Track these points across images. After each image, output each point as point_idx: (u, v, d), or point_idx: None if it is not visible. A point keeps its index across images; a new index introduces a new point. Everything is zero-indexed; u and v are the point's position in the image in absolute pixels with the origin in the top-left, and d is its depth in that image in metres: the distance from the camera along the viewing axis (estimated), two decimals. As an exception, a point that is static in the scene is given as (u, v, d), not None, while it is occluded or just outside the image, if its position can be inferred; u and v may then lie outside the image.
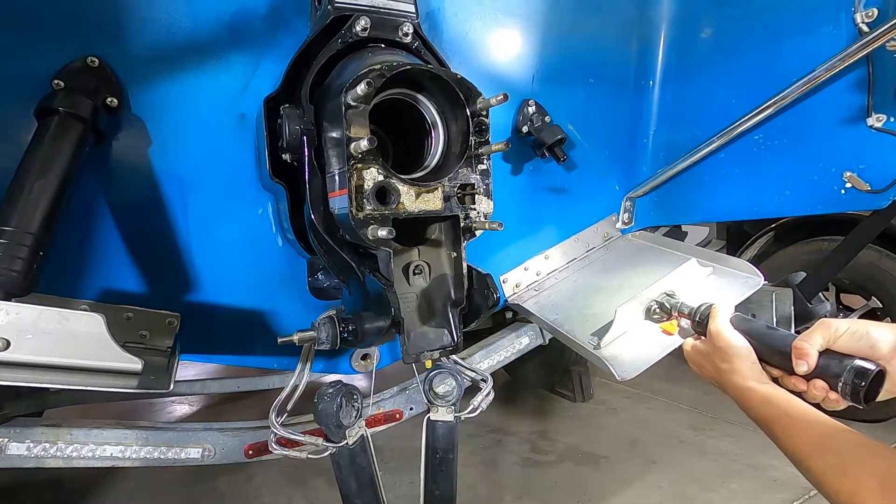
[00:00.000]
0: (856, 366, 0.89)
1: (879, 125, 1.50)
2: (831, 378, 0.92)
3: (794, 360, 0.98)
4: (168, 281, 1.39)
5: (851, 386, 0.89)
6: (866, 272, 2.61)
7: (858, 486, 0.76)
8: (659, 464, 2.38)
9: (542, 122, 1.72)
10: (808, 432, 0.87)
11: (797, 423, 0.89)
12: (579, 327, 1.57)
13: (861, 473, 0.76)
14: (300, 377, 1.42)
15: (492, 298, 1.32)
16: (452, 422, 1.40)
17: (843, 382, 0.90)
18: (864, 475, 0.76)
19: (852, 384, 0.89)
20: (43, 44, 1.18)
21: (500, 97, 1.22)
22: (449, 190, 1.26)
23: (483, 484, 2.26)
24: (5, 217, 1.01)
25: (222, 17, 1.33)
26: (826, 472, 0.81)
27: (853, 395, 0.89)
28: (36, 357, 0.98)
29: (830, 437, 0.84)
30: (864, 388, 0.88)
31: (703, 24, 1.84)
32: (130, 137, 1.29)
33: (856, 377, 0.89)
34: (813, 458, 0.84)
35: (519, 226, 1.82)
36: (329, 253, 1.30)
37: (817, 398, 0.97)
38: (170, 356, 1.30)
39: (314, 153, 1.25)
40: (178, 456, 1.47)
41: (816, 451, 0.84)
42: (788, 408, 0.92)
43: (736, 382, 1.03)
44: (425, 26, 1.49)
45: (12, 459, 1.31)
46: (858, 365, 0.89)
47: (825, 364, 0.94)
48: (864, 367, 0.88)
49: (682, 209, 1.98)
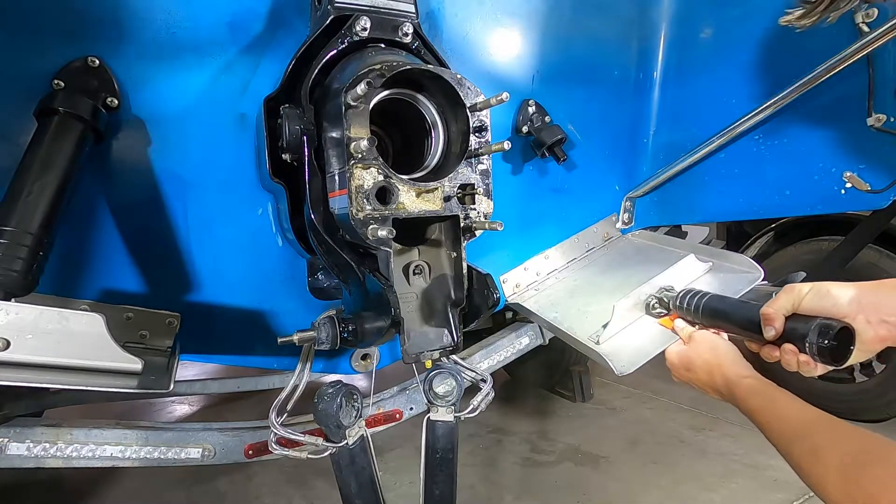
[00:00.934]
0: (819, 324, 0.90)
1: (879, 125, 1.50)
2: (798, 340, 0.93)
3: (763, 327, 0.99)
4: (168, 281, 1.39)
5: (818, 346, 0.90)
6: (866, 272, 2.61)
7: (826, 469, 0.74)
8: (659, 464, 2.38)
9: (542, 122, 1.72)
10: (789, 420, 0.87)
11: (779, 411, 0.89)
12: (578, 324, 1.58)
13: (829, 456, 0.75)
14: (300, 377, 1.41)
15: (492, 298, 1.32)
16: (452, 422, 1.40)
17: (809, 342, 0.91)
18: (831, 458, 0.75)
19: (818, 344, 0.90)
20: (43, 44, 1.18)
21: (500, 97, 1.22)
22: (449, 190, 1.26)
23: (483, 484, 2.26)
24: (5, 217, 1.01)
25: (222, 17, 1.33)
26: (802, 458, 0.80)
27: (821, 354, 0.90)
28: (36, 357, 0.98)
29: (809, 423, 0.83)
30: (828, 346, 0.88)
31: (703, 24, 1.84)
32: (130, 137, 1.29)
33: (819, 336, 0.89)
34: (793, 444, 0.83)
35: (519, 226, 1.82)
36: (329, 253, 1.30)
37: (790, 364, 0.99)
38: (170, 356, 1.30)
39: (314, 153, 1.25)
40: (178, 456, 1.47)
41: (796, 438, 0.83)
42: (773, 397, 0.92)
43: (725, 375, 1.04)
44: (425, 26, 1.49)
45: (12, 459, 1.31)
46: (822, 322, 0.90)
47: (791, 328, 0.95)
48: (828, 324, 0.89)
49: (682, 209, 1.98)
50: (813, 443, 0.79)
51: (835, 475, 0.73)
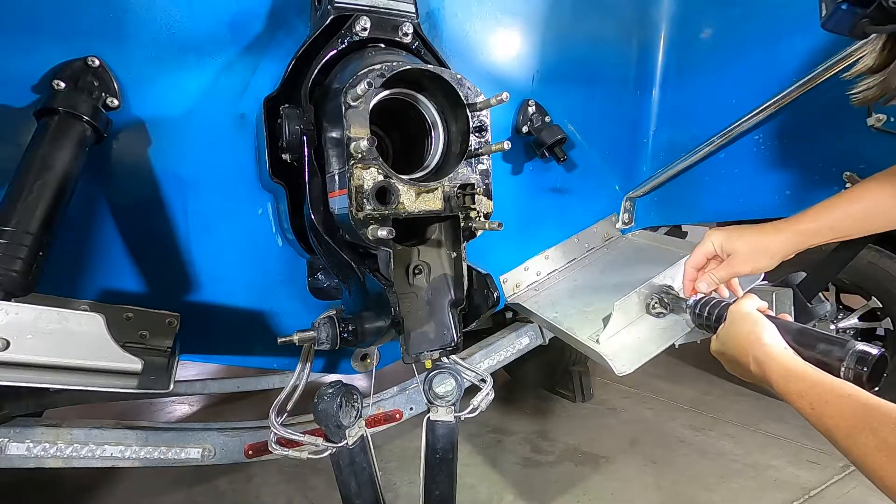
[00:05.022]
0: (857, 350, 0.89)
1: (879, 125, 1.49)
2: (835, 361, 0.92)
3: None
4: (168, 281, 1.39)
5: (854, 371, 0.88)
6: (866, 272, 2.61)
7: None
8: (659, 464, 2.38)
9: (542, 122, 1.72)
10: (843, 410, 0.79)
11: (826, 397, 0.81)
12: (578, 324, 1.58)
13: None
14: (300, 377, 1.41)
15: (492, 298, 1.32)
16: (452, 422, 1.40)
17: (846, 367, 0.89)
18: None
19: (854, 370, 0.88)
20: (43, 44, 1.18)
21: (500, 97, 1.22)
22: (449, 190, 1.26)
23: (483, 484, 2.26)
24: (5, 217, 1.01)
25: (222, 17, 1.33)
26: (869, 455, 0.73)
27: (857, 378, 0.88)
28: (36, 357, 0.98)
29: (868, 412, 0.75)
30: (865, 373, 0.87)
31: (703, 24, 1.83)
32: (130, 137, 1.29)
33: (858, 363, 0.88)
34: (851, 438, 0.75)
35: (519, 226, 1.82)
36: (329, 253, 1.30)
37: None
38: (170, 356, 1.30)
39: (314, 153, 1.25)
40: (178, 456, 1.46)
41: (854, 431, 0.75)
42: (815, 380, 0.85)
43: (757, 357, 0.95)
44: (425, 26, 1.49)
45: (12, 459, 1.31)
46: (860, 350, 0.89)
47: (826, 349, 0.94)
48: (866, 352, 0.88)
49: (682, 209, 1.98)
50: (880, 438, 0.72)
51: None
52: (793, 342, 0.97)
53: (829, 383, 0.83)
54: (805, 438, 2.50)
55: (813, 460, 2.34)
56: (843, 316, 2.82)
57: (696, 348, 2.03)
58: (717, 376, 3.28)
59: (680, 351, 1.79)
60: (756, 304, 1.05)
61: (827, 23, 0.91)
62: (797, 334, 0.98)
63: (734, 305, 1.07)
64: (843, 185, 1.58)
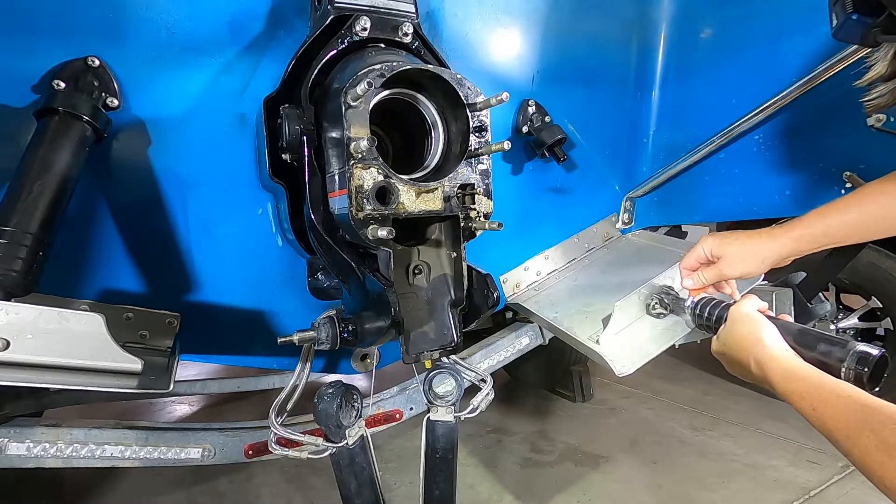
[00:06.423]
0: (858, 351, 0.89)
1: (879, 125, 1.49)
2: (835, 362, 0.92)
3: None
4: (168, 281, 1.39)
5: (855, 371, 0.88)
6: (866, 272, 2.61)
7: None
8: (659, 464, 2.38)
9: (542, 122, 1.72)
10: (843, 411, 0.79)
11: (827, 398, 0.81)
12: (578, 324, 1.58)
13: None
14: (300, 377, 1.41)
15: (492, 298, 1.32)
16: (452, 422, 1.40)
17: (847, 368, 0.89)
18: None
19: (855, 370, 0.88)
20: (43, 44, 1.18)
21: (500, 97, 1.22)
22: (449, 190, 1.26)
23: (483, 484, 2.26)
24: (5, 217, 1.01)
25: (222, 17, 1.33)
26: (869, 455, 0.73)
27: (857, 380, 0.88)
28: (36, 357, 0.98)
29: (868, 413, 0.75)
30: (866, 373, 0.87)
31: (703, 24, 1.83)
32: (130, 137, 1.29)
33: (859, 363, 0.88)
34: (851, 438, 0.75)
35: (519, 226, 1.82)
36: (329, 253, 1.30)
37: None
38: (170, 356, 1.30)
39: (314, 153, 1.25)
40: (178, 456, 1.46)
41: (855, 432, 0.75)
42: (818, 382, 0.85)
43: (757, 357, 0.95)
44: (425, 26, 1.49)
45: (12, 459, 1.31)
46: (861, 350, 0.89)
47: (827, 350, 0.94)
48: (866, 352, 0.88)
49: (682, 209, 1.98)
50: (880, 438, 0.71)
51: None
52: (793, 343, 0.97)
53: (830, 384, 0.84)
54: (805, 438, 2.50)
55: (813, 460, 2.34)
56: (843, 316, 2.82)
57: (696, 348, 2.03)
58: (717, 376, 3.28)
59: (680, 351, 1.79)
60: (756, 305, 1.06)
61: (838, 32, 0.91)
62: (798, 335, 0.98)
63: (735, 306, 1.08)
64: (843, 184, 1.58)
